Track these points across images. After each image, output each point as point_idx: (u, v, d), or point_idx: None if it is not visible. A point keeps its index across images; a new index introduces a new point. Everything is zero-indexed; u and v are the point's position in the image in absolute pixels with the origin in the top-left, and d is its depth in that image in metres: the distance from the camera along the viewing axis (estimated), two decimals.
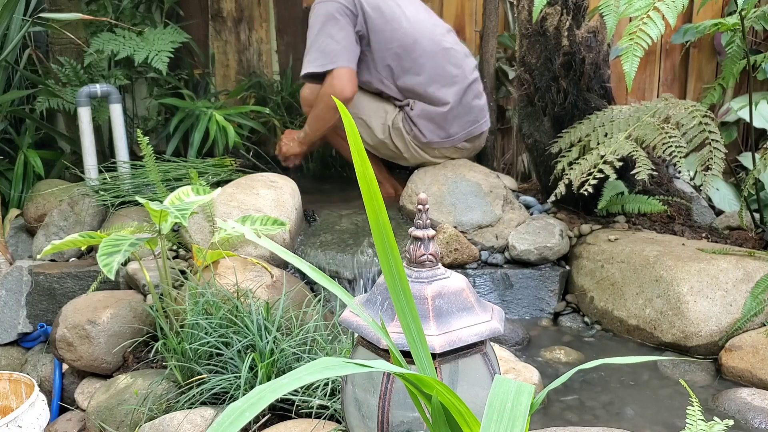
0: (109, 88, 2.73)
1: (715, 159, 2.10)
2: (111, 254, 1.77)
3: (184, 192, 2.11)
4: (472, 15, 3.29)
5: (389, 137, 2.68)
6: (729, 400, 1.73)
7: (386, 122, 2.68)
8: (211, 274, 2.00)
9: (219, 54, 3.42)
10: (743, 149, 3.18)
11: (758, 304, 1.94)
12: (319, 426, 1.52)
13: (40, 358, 2.24)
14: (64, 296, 2.25)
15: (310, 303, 1.92)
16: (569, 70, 2.34)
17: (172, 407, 1.72)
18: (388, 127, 2.68)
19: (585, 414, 1.72)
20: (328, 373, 0.77)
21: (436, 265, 1.14)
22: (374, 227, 0.90)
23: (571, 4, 2.30)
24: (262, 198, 2.34)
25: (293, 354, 1.71)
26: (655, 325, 2.04)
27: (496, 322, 1.13)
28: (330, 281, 1.01)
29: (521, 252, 2.29)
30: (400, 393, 1.08)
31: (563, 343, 2.11)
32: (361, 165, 0.88)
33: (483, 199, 2.42)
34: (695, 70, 3.28)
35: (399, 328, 1.00)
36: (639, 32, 1.82)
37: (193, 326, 1.77)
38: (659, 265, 2.08)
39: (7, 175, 2.93)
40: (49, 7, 2.91)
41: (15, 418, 1.72)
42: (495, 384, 0.80)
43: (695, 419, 1.18)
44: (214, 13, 3.39)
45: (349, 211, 2.58)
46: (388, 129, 2.68)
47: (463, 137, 2.67)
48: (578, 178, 2.15)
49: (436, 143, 2.65)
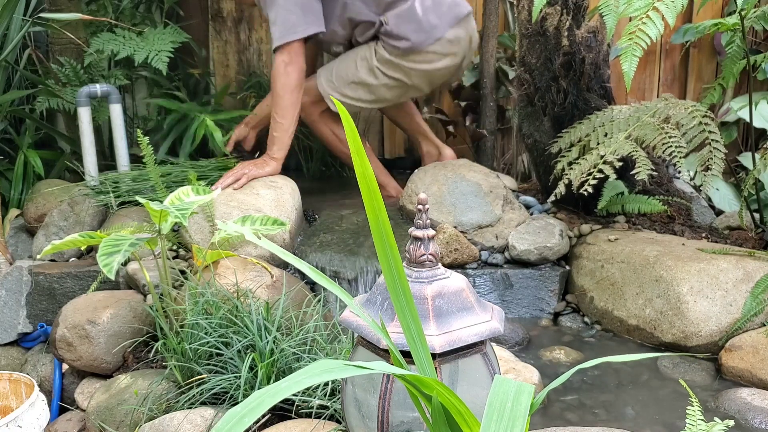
0: (109, 88, 2.73)
1: (715, 159, 2.10)
2: (111, 254, 1.77)
3: (184, 192, 2.12)
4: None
5: (384, 76, 2.60)
6: (729, 400, 1.73)
7: (372, 64, 2.59)
8: (211, 274, 2.00)
9: (219, 54, 3.42)
10: (743, 149, 3.18)
11: (758, 304, 1.94)
12: (319, 426, 1.52)
13: (40, 358, 2.24)
14: (64, 296, 2.26)
15: (310, 303, 1.92)
16: (569, 70, 2.34)
17: (172, 407, 1.72)
18: (376, 67, 2.59)
19: (585, 414, 1.72)
20: (328, 376, 0.77)
21: (436, 265, 1.14)
22: (374, 227, 0.90)
23: (571, 4, 2.30)
24: (262, 198, 2.34)
25: (293, 354, 1.71)
26: (655, 325, 2.04)
27: (496, 322, 1.13)
28: (329, 281, 1.01)
29: (521, 252, 2.30)
30: (400, 393, 1.08)
31: (563, 343, 2.11)
32: (360, 165, 0.88)
33: (483, 199, 2.42)
34: (695, 70, 3.28)
35: (399, 328, 1.00)
36: (638, 32, 1.82)
37: (193, 326, 1.77)
38: (659, 265, 2.08)
39: (7, 175, 2.93)
40: (49, 7, 2.91)
41: (15, 418, 1.72)
42: (495, 384, 0.80)
43: (695, 419, 1.18)
44: (214, 13, 3.39)
45: (348, 211, 2.58)
46: (378, 69, 2.59)
47: (447, 24, 2.58)
48: (578, 178, 2.15)
49: (426, 42, 2.56)
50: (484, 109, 3.04)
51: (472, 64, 3.12)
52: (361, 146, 0.88)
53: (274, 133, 2.50)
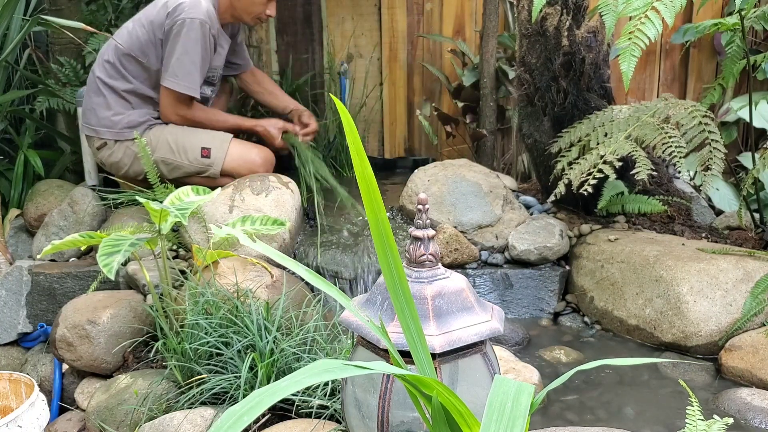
0: None
1: (715, 159, 2.10)
2: (111, 254, 1.77)
3: (184, 192, 2.11)
4: (472, 15, 3.29)
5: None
6: (729, 400, 1.73)
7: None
8: (211, 274, 2.00)
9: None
10: (743, 149, 3.18)
11: (758, 304, 1.94)
12: (319, 426, 1.52)
13: (40, 358, 2.24)
14: (64, 296, 2.26)
15: (309, 303, 1.92)
16: (569, 70, 2.34)
17: (172, 407, 1.72)
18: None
19: (585, 414, 1.72)
20: (327, 375, 0.77)
21: (436, 265, 1.14)
22: (374, 227, 0.90)
23: (571, 4, 2.30)
24: (262, 198, 2.34)
25: (293, 354, 1.71)
26: (655, 325, 2.04)
27: (496, 322, 1.13)
28: (327, 284, 1.01)
29: (521, 252, 2.30)
30: (400, 393, 1.08)
31: (563, 343, 2.11)
32: (360, 165, 0.88)
33: (483, 199, 2.42)
34: (695, 70, 3.28)
35: (399, 329, 1.00)
36: (637, 32, 1.82)
37: (193, 326, 1.77)
38: (659, 265, 2.08)
39: (7, 175, 2.93)
40: (49, 7, 2.91)
41: (15, 418, 1.72)
42: (495, 384, 0.80)
43: (695, 419, 1.18)
44: None
45: (348, 211, 2.58)
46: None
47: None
48: (578, 177, 2.15)
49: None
50: (484, 109, 3.04)
51: (472, 63, 3.13)
52: (361, 147, 0.88)
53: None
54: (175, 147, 2.52)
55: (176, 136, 2.53)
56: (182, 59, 2.44)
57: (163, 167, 2.52)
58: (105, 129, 2.55)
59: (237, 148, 2.55)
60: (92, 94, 2.56)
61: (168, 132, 2.54)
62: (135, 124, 2.54)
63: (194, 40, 2.43)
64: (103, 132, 2.55)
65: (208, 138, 2.54)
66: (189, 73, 2.46)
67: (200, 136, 2.54)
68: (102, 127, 2.55)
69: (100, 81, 2.53)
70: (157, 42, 2.48)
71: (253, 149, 2.58)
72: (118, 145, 2.54)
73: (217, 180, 2.53)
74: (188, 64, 2.45)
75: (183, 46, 2.43)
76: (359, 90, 3.39)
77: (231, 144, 2.54)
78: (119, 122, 2.53)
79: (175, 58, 2.44)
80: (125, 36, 2.51)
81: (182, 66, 2.45)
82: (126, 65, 2.52)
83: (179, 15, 2.43)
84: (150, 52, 2.50)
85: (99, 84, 2.53)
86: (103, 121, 2.54)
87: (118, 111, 2.53)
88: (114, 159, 2.56)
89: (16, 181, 2.87)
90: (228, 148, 2.53)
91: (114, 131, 2.54)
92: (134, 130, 2.51)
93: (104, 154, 2.57)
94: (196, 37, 2.43)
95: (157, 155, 2.50)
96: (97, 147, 2.58)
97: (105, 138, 2.55)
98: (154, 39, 2.48)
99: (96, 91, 2.55)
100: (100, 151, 2.58)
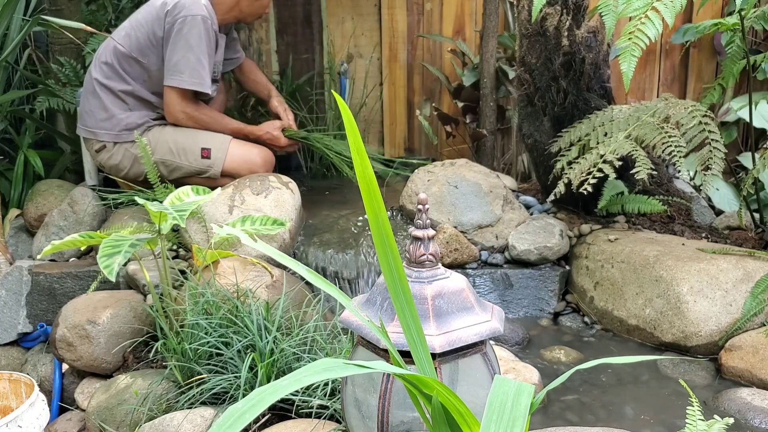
0: None
1: (715, 159, 2.10)
2: (111, 255, 1.77)
3: (183, 192, 2.11)
4: (472, 15, 3.29)
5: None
6: (729, 400, 1.73)
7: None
8: (211, 274, 2.00)
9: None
10: (743, 149, 3.18)
11: (758, 304, 1.94)
12: (319, 426, 1.52)
13: (40, 358, 2.24)
14: (64, 296, 2.26)
15: (310, 303, 1.92)
16: (569, 70, 2.34)
17: (172, 407, 1.72)
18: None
19: (585, 414, 1.72)
20: (328, 374, 0.77)
21: (436, 265, 1.14)
22: (374, 227, 0.90)
23: (571, 4, 2.30)
24: (262, 198, 2.34)
25: (293, 354, 1.71)
26: (655, 325, 2.04)
27: (496, 322, 1.13)
28: (327, 284, 1.01)
29: (521, 252, 2.29)
30: (400, 393, 1.08)
31: (563, 343, 2.11)
32: (361, 164, 0.88)
33: (483, 199, 2.42)
34: (695, 70, 3.28)
35: (399, 329, 1.00)
36: (637, 32, 1.82)
37: (193, 326, 1.77)
38: (659, 265, 2.08)
39: (7, 175, 2.93)
40: (49, 7, 2.91)
41: (15, 418, 1.72)
42: (495, 384, 0.80)
43: (695, 419, 1.18)
44: None
45: (348, 211, 2.58)
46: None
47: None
48: (578, 177, 2.15)
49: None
50: (484, 109, 3.04)
51: (472, 63, 3.13)
52: (361, 146, 0.88)
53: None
54: (175, 148, 2.52)
55: (175, 137, 2.53)
56: (187, 56, 2.44)
57: (162, 168, 2.52)
58: (103, 131, 2.54)
59: (237, 148, 2.55)
60: (89, 96, 2.56)
61: (167, 133, 2.54)
62: (133, 126, 2.54)
63: (198, 36, 2.43)
64: (101, 134, 2.55)
65: (208, 138, 2.54)
66: (195, 69, 2.46)
67: (200, 136, 2.54)
68: (100, 129, 2.55)
69: (97, 82, 2.53)
70: (158, 42, 2.48)
71: (253, 149, 2.58)
72: (117, 148, 2.54)
73: (217, 180, 2.53)
74: (193, 60, 2.45)
75: (186, 43, 2.43)
76: (359, 90, 3.39)
77: (231, 144, 2.54)
78: (117, 124, 2.53)
79: (179, 56, 2.44)
80: (124, 38, 2.51)
81: (187, 63, 2.45)
82: (125, 67, 2.52)
83: (180, 13, 2.43)
84: (150, 52, 2.49)
85: (95, 85, 2.53)
86: (101, 123, 2.54)
87: (115, 112, 2.53)
88: (113, 162, 2.56)
89: (16, 181, 2.87)
90: (228, 149, 2.53)
91: (112, 133, 2.54)
92: (133, 131, 2.51)
93: (103, 157, 2.57)
94: (200, 34, 2.43)
95: (157, 156, 2.50)
96: (96, 150, 2.57)
97: (103, 140, 2.55)
98: (153, 39, 2.48)
99: (93, 92, 2.55)
100: (99, 153, 2.57)
